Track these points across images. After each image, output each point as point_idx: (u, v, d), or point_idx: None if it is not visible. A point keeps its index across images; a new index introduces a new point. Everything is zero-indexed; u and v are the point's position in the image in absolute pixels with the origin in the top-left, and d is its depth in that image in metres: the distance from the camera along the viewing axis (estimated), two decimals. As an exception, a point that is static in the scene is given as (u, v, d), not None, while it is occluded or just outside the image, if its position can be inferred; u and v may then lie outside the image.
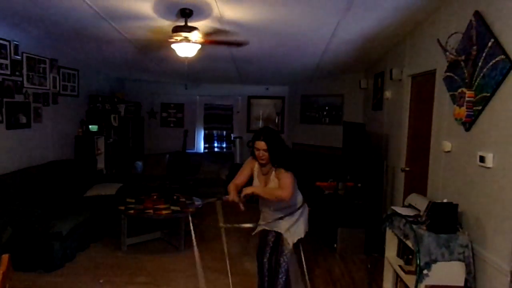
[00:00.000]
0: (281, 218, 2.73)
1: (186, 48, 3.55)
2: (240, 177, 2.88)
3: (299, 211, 2.83)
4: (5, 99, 4.16)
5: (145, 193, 4.87)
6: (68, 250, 3.83)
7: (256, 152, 2.71)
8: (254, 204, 2.93)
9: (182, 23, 3.35)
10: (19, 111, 4.43)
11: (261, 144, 2.66)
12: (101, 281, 3.47)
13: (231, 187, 2.76)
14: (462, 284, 2.60)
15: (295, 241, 2.83)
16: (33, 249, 3.58)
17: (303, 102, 7.51)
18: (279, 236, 2.89)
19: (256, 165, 2.85)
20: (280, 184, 2.68)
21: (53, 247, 3.61)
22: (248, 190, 2.66)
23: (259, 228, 2.97)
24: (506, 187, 2.31)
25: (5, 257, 1.53)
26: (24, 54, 4.46)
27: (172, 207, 4.36)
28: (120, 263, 3.90)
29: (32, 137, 4.73)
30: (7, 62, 4.17)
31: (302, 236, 2.87)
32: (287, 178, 2.66)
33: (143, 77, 7.57)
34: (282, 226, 2.83)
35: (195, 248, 2.85)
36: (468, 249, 2.58)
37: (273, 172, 2.76)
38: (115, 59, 5.63)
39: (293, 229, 2.82)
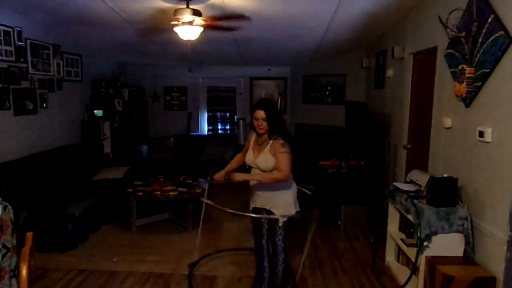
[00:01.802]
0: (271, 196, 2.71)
1: (189, 31, 3.57)
2: (238, 156, 2.97)
3: (290, 188, 2.77)
4: (11, 86, 4.22)
5: (151, 175, 4.98)
6: (81, 231, 3.97)
7: (255, 122, 2.67)
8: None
9: (184, 6, 3.36)
10: (25, 98, 4.49)
11: (260, 113, 2.62)
12: (114, 259, 3.61)
13: (225, 169, 2.87)
14: (461, 254, 2.71)
15: (285, 219, 2.73)
16: (48, 230, 3.72)
17: (305, 82, 7.51)
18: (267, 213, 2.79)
19: (254, 136, 2.82)
20: (276, 163, 2.59)
21: (67, 228, 3.75)
22: (238, 177, 2.60)
23: (250, 207, 2.89)
24: (503, 160, 2.38)
25: (29, 234, 1.63)
26: (28, 40, 4.49)
27: (179, 189, 4.46)
28: (131, 243, 4.04)
29: (40, 123, 4.81)
30: (12, 48, 4.21)
31: (293, 213, 2.76)
32: (284, 156, 2.57)
33: (145, 61, 7.57)
34: (272, 204, 2.74)
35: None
36: (467, 221, 2.68)
37: (268, 145, 2.66)
38: (117, 43, 5.64)
39: (283, 206, 2.73)
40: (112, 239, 4.13)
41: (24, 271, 1.42)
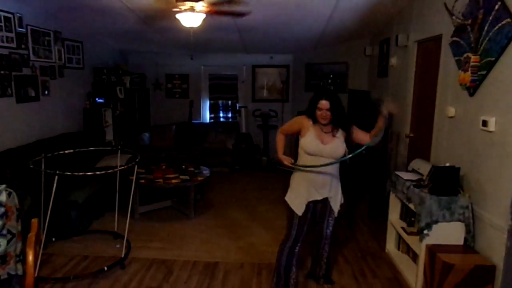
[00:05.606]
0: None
1: (191, 18, 3.54)
2: (283, 139, 2.87)
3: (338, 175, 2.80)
4: (13, 73, 4.20)
5: (154, 163, 4.99)
6: (85, 218, 4.01)
7: (319, 112, 2.60)
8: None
9: (186, -8, 3.33)
10: (27, 85, 4.48)
11: (324, 104, 2.58)
12: (117, 245, 3.65)
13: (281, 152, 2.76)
14: (461, 243, 2.73)
15: (339, 208, 2.79)
16: (52, 217, 3.74)
17: (308, 70, 7.46)
18: (325, 203, 2.76)
19: (311, 125, 2.69)
20: (362, 134, 2.73)
21: (71, 215, 3.79)
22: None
23: (308, 200, 2.71)
24: (506, 150, 2.38)
25: (35, 221, 1.65)
26: (29, 27, 4.45)
27: (181, 176, 4.49)
28: (134, 229, 4.07)
29: (42, 110, 4.81)
30: (13, 35, 4.18)
31: (343, 201, 2.83)
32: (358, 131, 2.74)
33: (147, 48, 7.51)
34: (335, 192, 2.76)
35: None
36: (468, 210, 2.69)
37: (339, 132, 2.70)
38: (118, 30, 5.59)
39: (340, 194, 2.80)
40: (115, 226, 4.16)
41: (30, 257, 1.44)
